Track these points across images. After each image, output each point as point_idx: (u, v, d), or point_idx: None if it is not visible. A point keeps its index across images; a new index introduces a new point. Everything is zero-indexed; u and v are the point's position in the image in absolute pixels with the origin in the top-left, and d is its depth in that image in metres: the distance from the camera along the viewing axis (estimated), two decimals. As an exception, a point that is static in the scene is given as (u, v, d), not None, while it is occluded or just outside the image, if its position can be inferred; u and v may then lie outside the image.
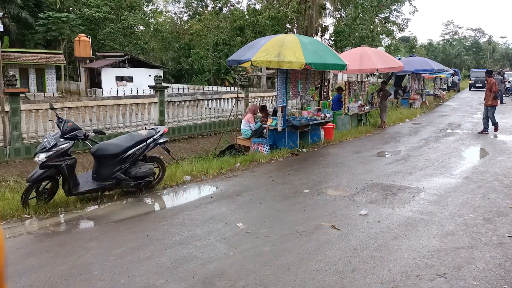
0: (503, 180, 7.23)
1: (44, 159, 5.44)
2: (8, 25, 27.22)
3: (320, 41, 20.23)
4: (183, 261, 4.06)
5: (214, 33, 31.21)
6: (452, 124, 14.82)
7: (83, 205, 5.80)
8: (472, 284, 3.68)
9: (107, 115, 11.78)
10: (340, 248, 4.39)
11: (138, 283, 3.65)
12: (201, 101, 14.92)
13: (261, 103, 15.96)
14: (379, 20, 33.92)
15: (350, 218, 5.32)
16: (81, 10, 35.23)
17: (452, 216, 5.42)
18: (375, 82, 34.55)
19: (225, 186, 6.83)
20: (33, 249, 4.39)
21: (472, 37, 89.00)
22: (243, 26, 30.09)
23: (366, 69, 13.39)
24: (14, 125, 9.39)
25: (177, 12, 43.17)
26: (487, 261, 4.13)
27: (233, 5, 36.20)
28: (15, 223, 5.14)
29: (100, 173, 5.94)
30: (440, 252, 4.30)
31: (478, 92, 33.31)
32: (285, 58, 8.44)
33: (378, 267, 3.95)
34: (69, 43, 33.87)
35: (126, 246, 4.42)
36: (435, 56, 70.63)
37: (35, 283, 3.65)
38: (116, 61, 28.71)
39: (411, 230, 4.93)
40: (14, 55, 27.24)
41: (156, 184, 6.67)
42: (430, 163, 8.48)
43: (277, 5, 30.38)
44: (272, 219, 5.28)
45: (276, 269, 3.90)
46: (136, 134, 6.45)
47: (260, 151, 9.37)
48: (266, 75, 28.13)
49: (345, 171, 7.88)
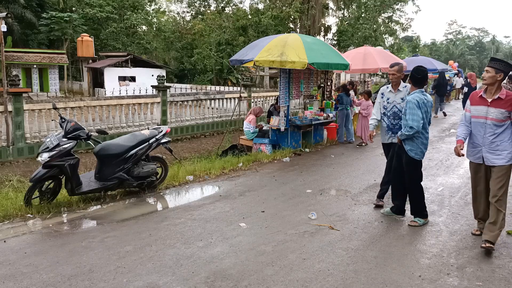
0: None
1: (47, 159, 5.45)
2: (11, 25, 27.34)
3: (323, 40, 20.18)
4: (186, 261, 4.06)
5: (216, 33, 31.21)
6: (455, 124, 14.77)
7: (85, 205, 5.81)
8: (476, 284, 3.66)
9: (109, 115, 11.80)
10: (342, 248, 4.38)
11: (140, 283, 3.65)
12: (204, 101, 14.93)
13: (266, 103, 15.96)
14: (382, 20, 33.81)
15: (353, 218, 5.31)
16: (84, 10, 35.33)
17: (455, 216, 5.40)
18: (378, 81, 34.49)
19: (228, 186, 6.83)
20: (36, 248, 4.40)
21: (475, 36, 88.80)
22: (245, 25, 30.09)
23: (369, 68, 13.35)
24: (17, 124, 9.42)
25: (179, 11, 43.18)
26: (490, 261, 4.11)
27: (236, 4, 36.21)
28: (18, 223, 5.15)
29: (103, 173, 5.94)
30: (443, 252, 4.29)
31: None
32: (288, 58, 8.43)
33: (381, 267, 3.94)
34: (72, 43, 33.97)
35: (128, 246, 4.42)
36: (439, 55, 70.44)
37: (38, 283, 3.65)
38: (118, 61, 28.75)
39: (414, 230, 4.91)
40: (17, 55, 27.34)
41: (159, 184, 6.67)
42: (433, 163, 8.45)
43: (280, 5, 30.35)
44: (275, 219, 5.27)
45: (278, 269, 3.90)
46: (138, 134, 6.45)
47: (262, 151, 9.36)
48: (268, 74, 28.10)
49: (348, 171, 7.86)
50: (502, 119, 4.25)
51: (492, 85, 4.31)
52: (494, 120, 4.28)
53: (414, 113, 4.83)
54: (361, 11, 31.86)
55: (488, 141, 4.33)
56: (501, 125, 4.28)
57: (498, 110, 4.25)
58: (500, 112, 4.25)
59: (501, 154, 4.28)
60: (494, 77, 4.26)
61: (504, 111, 4.23)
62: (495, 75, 4.25)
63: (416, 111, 4.83)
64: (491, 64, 4.33)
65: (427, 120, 5.02)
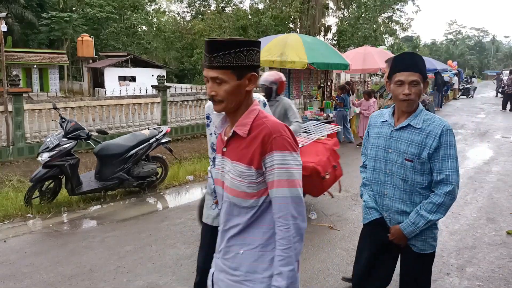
0: (507, 180, 7.20)
1: (47, 159, 5.46)
2: (11, 25, 27.33)
3: (323, 40, 20.20)
4: (186, 261, 4.06)
5: (216, 33, 31.21)
6: (455, 124, 14.77)
7: (86, 205, 5.81)
8: (476, 284, 3.66)
9: (110, 115, 11.79)
10: (342, 248, 4.39)
11: (141, 283, 3.65)
12: (204, 101, 14.92)
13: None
14: (382, 20, 33.79)
15: (353, 218, 5.31)
16: (84, 10, 35.31)
17: (455, 216, 5.40)
18: (378, 81, 34.48)
19: (228, 186, 6.82)
20: (36, 248, 4.40)
21: (475, 36, 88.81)
22: (245, 25, 30.08)
23: (369, 68, 13.36)
24: (17, 124, 9.42)
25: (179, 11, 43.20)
26: (490, 261, 4.11)
27: (236, 4, 36.21)
28: (18, 223, 5.15)
29: (103, 172, 5.95)
30: (443, 252, 4.29)
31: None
32: (288, 58, 8.44)
33: (381, 267, 3.94)
34: (72, 43, 33.96)
35: (129, 246, 4.43)
36: (439, 55, 70.43)
37: (39, 283, 3.66)
38: (119, 61, 28.74)
39: (414, 230, 4.91)
40: (18, 55, 27.33)
41: (159, 183, 6.68)
42: (433, 163, 8.44)
43: (280, 5, 30.34)
44: (275, 219, 5.27)
45: (278, 269, 3.89)
46: (139, 133, 6.45)
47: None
48: (268, 74, 28.08)
49: (348, 171, 7.85)
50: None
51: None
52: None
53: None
54: (361, 11, 31.84)
55: None
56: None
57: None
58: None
59: None
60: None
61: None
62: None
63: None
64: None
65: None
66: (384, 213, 2.47)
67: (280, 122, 1.65)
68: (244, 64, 1.59)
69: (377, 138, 2.46)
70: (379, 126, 2.48)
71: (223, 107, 1.64)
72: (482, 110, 19.97)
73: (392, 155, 2.37)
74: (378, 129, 2.48)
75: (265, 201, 1.66)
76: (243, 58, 1.59)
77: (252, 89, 1.67)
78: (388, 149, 2.39)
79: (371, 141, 2.52)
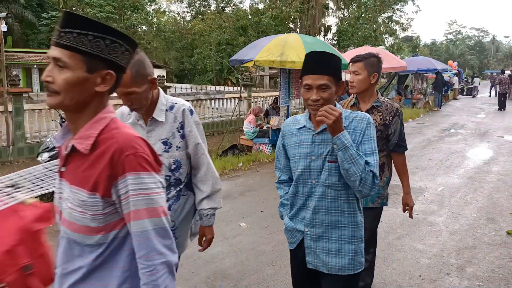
0: (507, 180, 7.20)
1: (47, 159, 5.46)
2: (11, 25, 27.34)
3: (323, 40, 20.18)
4: (186, 261, 4.06)
5: (217, 33, 31.20)
6: (455, 124, 14.77)
7: (86, 205, 5.80)
8: (476, 284, 3.66)
9: (110, 114, 11.80)
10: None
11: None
12: (204, 101, 14.93)
13: (266, 103, 15.97)
14: (382, 20, 33.80)
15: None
16: (84, 10, 35.29)
17: (455, 216, 5.40)
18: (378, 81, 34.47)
19: (228, 186, 6.82)
20: (36, 248, 4.40)
21: (475, 36, 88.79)
22: (245, 25, 30.08)
23: (369, 68, 13.35)
24: (17, 125, 9.42)
25: (180, 11, 43.22)
26: (490, 261, 4.11)
27: (236, 4, 36.23)
28: (18, 223, 5.15)
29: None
30: (443, 252, 4.29)
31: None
32: (288, 57, 8.43)
33: (381, 267, 3.94)
34: (72, 43, 33.95)
35: (128, 246, 4.42)
36: (439, 55, 70.42)
37: (38, 283, 3.65)
38: (119, 61, 28.75)
39: (414, 230, 4.92)
40: (18, 55, 27.34)
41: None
42: (433, 163, 8.45)
43: (280, 5, 30.34)
44: (275, 219, 5.27)
45: (278, 269, 3.90)
46: (138, 133, 6.45)
47: (262, 151, 9.36)
48: (268, 74, 28.09)
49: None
50: None
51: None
52: None
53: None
54: (361, 11, 31.85)
55: None
56: None
57: None
58: None
59: None
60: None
61: None
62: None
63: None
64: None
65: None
66: (305, 229, 2.13)
67: (136, 135, 1.29)
68: (101, 55, 1.22)
69: (297, 148, 2.14)
70: (297, 134, 2.17)
71: (58, 102, 1.22)
72: (482, 110, 19.97)
73: (316, 163, 2.07)
74: (296, 137, 2.16)
75: (118, 236, 1.29)
76: (102, 48, 1.22)
77: (105, 91, 1.27)
78: (311, 157, 2.08)
79: (290, 152, 2.19)
